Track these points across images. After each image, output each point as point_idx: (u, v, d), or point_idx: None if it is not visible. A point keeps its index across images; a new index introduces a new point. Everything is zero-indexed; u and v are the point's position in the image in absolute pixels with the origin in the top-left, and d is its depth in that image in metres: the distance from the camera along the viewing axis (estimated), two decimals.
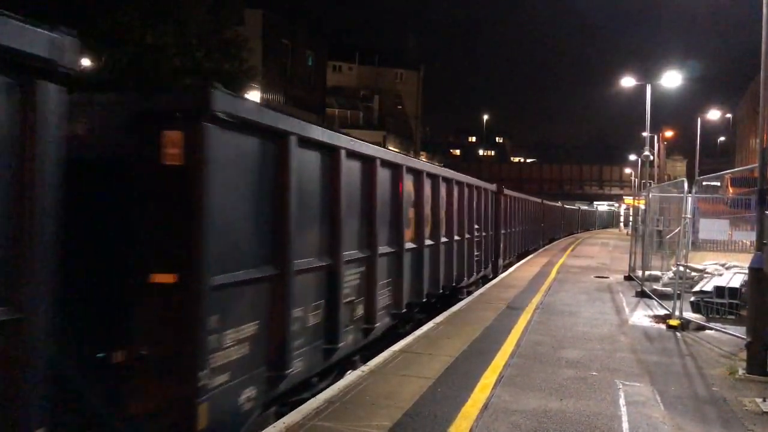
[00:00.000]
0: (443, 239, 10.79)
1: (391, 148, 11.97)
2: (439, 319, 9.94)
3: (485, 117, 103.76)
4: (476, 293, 13.14)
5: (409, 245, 8.84)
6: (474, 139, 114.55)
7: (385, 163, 7.75)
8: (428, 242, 9.91)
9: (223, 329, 4.39)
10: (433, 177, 10.36)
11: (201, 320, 4.15)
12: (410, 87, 66.02)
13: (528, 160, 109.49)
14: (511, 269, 18.70)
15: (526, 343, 8.32)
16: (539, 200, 30.61)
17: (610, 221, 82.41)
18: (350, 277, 6.68)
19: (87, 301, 4.07)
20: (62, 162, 2.85)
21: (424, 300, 9.74)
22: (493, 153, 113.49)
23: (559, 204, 46.69)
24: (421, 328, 9.14)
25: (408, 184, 8.83)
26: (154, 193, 4.19)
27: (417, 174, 9.32)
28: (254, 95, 25.57)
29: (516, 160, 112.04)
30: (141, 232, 4.21)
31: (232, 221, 4.57)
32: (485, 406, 5.59)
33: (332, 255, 6.17)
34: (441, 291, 10.82)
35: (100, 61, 15.75)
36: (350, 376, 6.47)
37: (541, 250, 28.79)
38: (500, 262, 17.78)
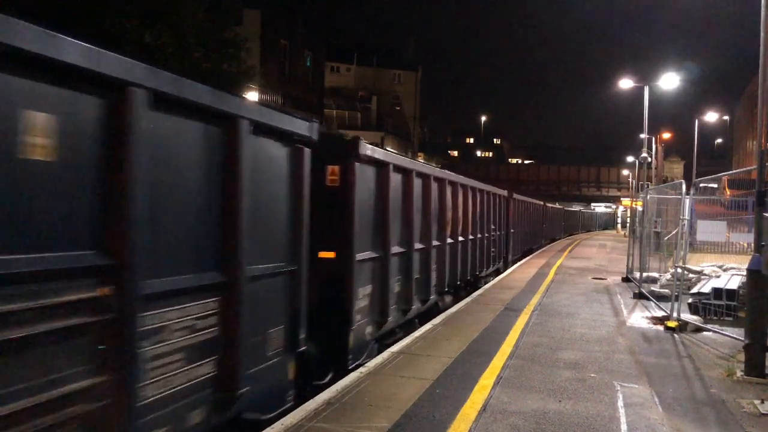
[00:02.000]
0: (470, 237, 13.35)
1: (389, 149, 12.19)
2: (437, 320, 9.94)
3: (483, 118, 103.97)
4: (474, 294, 13.15)
5: (449, 240, 11.54)
6: (472, 140, 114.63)
7: (433, 177, 10.31)
8: (460, 239, 12.44)
9: (358, 286, 7.08)
10: (464, 186, 12.85)
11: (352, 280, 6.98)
12: (408, 88, 66.05)
13: (525, 162, 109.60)
14: (509, 270, 18.73)
15: (525, 344, 8.32)
16: (541, 203, 33.18)
17: (608, 223, 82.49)
18: (416, 262, 9.25)
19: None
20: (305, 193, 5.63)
21: (458, 283, 12.45)
22: (490, 154, 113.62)
23: (558, 206, 47.27)
24: (420, 329, 9.15)
25: (447, 192, 11.36)
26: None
27: (453, 184, 11.89)
28: (252, 95, 25.55)
29: (513, 161, 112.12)
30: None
31: (364, 223, 7.28)
32: (484, 408, 5.59)
33: (408, 245, 8.91)
34: (468, 277, 13.36)
35: None
36: (349, 378, 6.46)
37: (540, 250, 28.93)
38: (510, 257, 20.32)
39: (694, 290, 11.30)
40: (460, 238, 12.40)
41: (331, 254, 6.78)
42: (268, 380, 5.03)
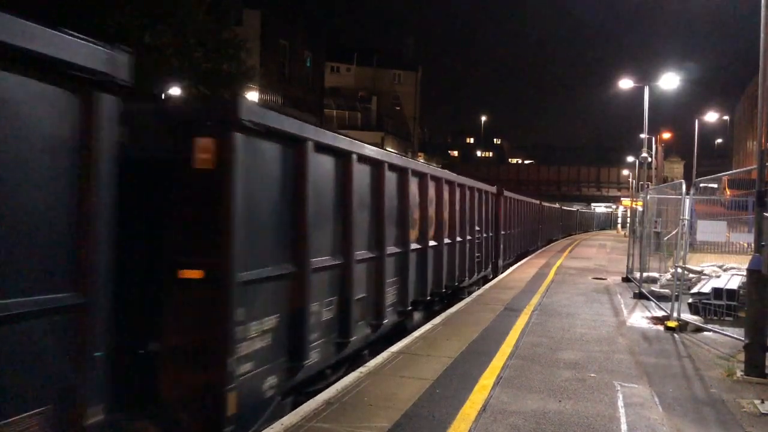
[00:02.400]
0: (446, 241, 11.19)
1: (388, 149, 11.95)
2: (437, 320, 9.93)
3: (483, 118, 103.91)
4: (474, 294, 13.14)
5: (414, 246, 9.34)
6: (472, 140, 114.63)
7: (390, 165, 8.17)
8: (432, 243, 10.37)
9: (246, 318, 4.88)
10: (437, 179, 10.73)
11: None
12: (408, 88, 66.04)
13: (526, 162, 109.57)
14: (508, 271, 18.71)
15: (525, 344, 8.32)
16: (538, 202, 31.01)
17: (608, 223, 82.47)
18: (359, 276, 7.11)
19: None
20: None
21: (428, 297, 10.34)
22: (491, 154, 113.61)
23: (557, 206, 46.86)
24: (420, 329, 9.14)
25: (413, 186, 9.25)
26: None
27: (421, 176, 9.80)
28: (252, 96, 25.55)
29: (514, 161, 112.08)
30: None
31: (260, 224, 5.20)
32: (484, 408, 5.59)
33: (344, 254, 6.73)
34: (443, 289, 11.17)
35: None
36: (349, 377, 6.46)
37: (539, 251, 28.83)
38: (500, 262, 18.10)
39: (694, 290, 11.29)
40: (432, 243, 10.37)
41: (197, 273, 4.53)
42: None
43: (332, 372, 6.68)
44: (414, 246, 9.31)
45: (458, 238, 12.25)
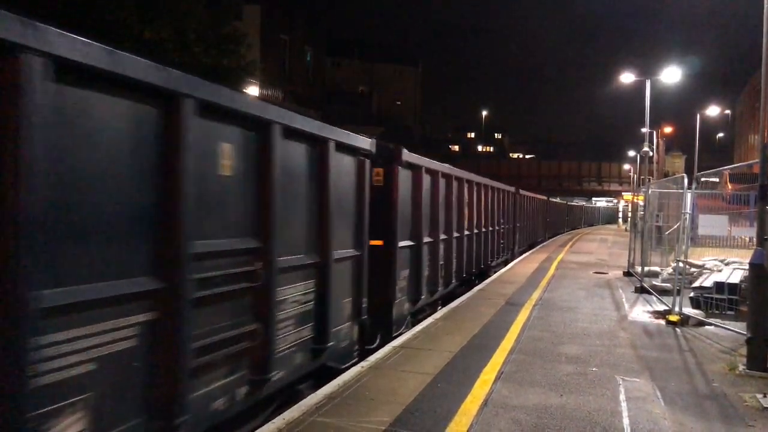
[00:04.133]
0: (483, 230, 14.59)
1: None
2: (438, 314, 9.93)
3: (484, 113, 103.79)
4: (475, 289, 13.14)
5: (466, 232, 12.83)
6: (473, 135, 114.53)
7: (455, 177, 11.72)
8: (475, 231, 13.76)
9: (399, 270, 8.55)
10: (478, 185, 13.96)
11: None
12: (409, 83, 65.96)
13: (527, 156, 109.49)
14: (510, 265, 18.72)
15: (526, 338, 8.31)
16: (545, 198, 34.86)
17: (609, 217, 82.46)
18: (441, 251, 10.77)
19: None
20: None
21: (473, 270, 13.81)
22: (491, 149, 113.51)
23: (561, 201, 47.66)
24: (421, 323, 9.14)
25: (465, 190, 12.51)
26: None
27: (470, 183, 13.02)
28: (253, 91, 25.52)
29: (515, 156, 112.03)
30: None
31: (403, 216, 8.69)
32: (485, 402, 5.58)
33: (434, 236, 10.33)
34: (482, 266, 14.68)
35: None
36: (350, 372, 6.46)
37: (543, 244, 29.17)
38: (516, 249, 21.73)
39: (696, 284, 11.27)
40: (475, 231, 13.72)
41: (379, 242, 7.96)
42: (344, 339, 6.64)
43: (429, 307, 10.40)
44: (466, 233, 12.83)
45: (490, 228, 15.67)
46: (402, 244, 8.57)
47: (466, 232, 12.87)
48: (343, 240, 6.44)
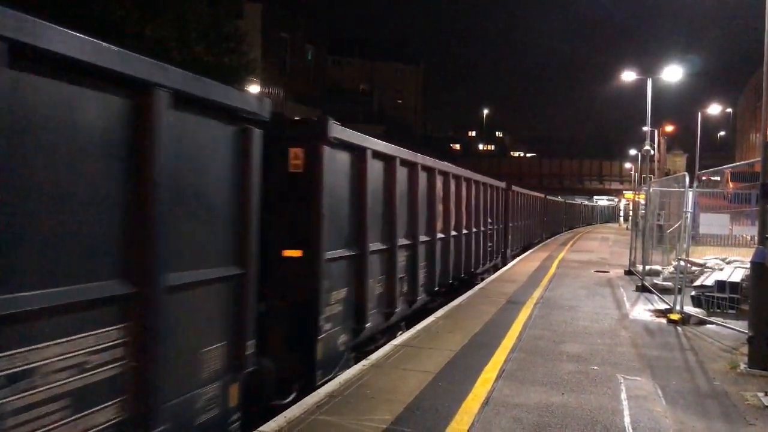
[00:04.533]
0: (464, 231, 12.71)
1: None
2: (439, 313, 9.93)
3: (485, 112, 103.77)
4: (477, 287, 13.13)
5: (440, 235, 10.70)
6: (474, 133, 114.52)
7: (422, 166, 9.52)
8: (453, 233, 11.65)
9: (329, 290, 6.54)
10: (457, 177, 11.82)
11: None
12: (410, 82, 65.93)
13: (528, 155, 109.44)
14: (511, 263, 18.70)
15: (527, 337, 8.31)
16: (542, 195, 32.14)
17: (610, 216, 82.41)
18: (400, 260, 8.62)
19: None
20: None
21: (450, 281, 11.70)
22: (492, 148, 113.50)
23: (560, 199, 46.91)
24: (422, 322, 9.14)
25: (438, 183, 10.48)
26: None
27: (445, 175, 11.03)
28: (254, 89, 25.51)
29: (516, 154, 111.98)
30: None
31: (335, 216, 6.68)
32: (486, 401, 5.58)
33: (390, 242, 8.09)
34: (462, 275, 12.77)
35: None
36: (351, 370, 6.46)
37: (542, 243, 28.93)
38: (508, 252, 19.39)
39: (697, 283, 11.27)
40: (453, 233, 11.54)
41: (297, 253, 5.96)
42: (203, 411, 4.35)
43: (381, 335, 8.19)
44: (440, 236, 10.63)
45: (473, 230, 13.54)
46: (333, 254, 6.23)
47: (440, 235, 10.68)
48: (199, 253, 3.99)
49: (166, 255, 3.53)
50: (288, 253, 5.90)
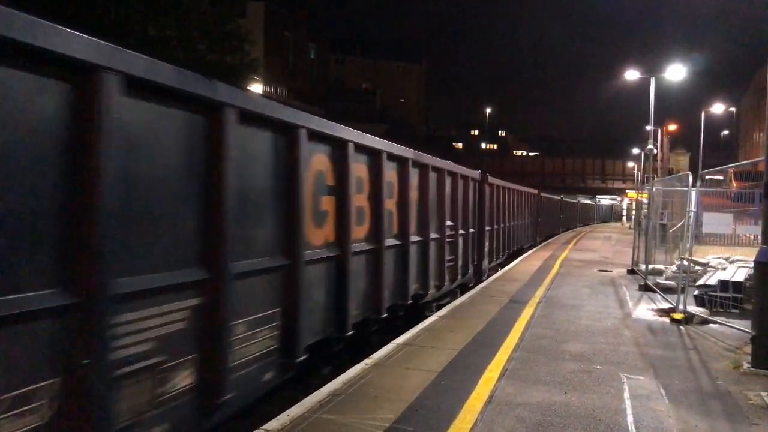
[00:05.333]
0: (519, 222, 15.16)
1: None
2: (442, 312, 9.93)
3: (488, 110, 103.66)
4: (479, 287, 13.13)
5: (356, 248, 6.71)
6: (476, 132, 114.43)
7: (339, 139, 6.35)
8: (516, 222, 13.56)
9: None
10: (394, 157, 7.97)
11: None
12: (412, 81, 65.89)
13: (530, 154, 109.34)
14: (513, 263, 18.66)
15: (530, 336, 8.30)
16: (535, 191, 27.10)
17: (613, 215, 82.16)
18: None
19: None
20: None
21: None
22: (495, 146, 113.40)
23: (559, 197, 43.38)
24: (425, 321, 9.13)
25: (347, 166, 6.51)
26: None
27: (374, 155, 7.26)
28: (256, 88, 25.53)
29: (518, 153, 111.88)
30: None
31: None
32: (489, 400, 5.58)
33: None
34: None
35: None
36: (353, 369, 6.46)
37: (541, 245, 28.59)
38: (485, 264, 14.74)
39: (700, 282, 11.26)
40: (516, 222, 13.68)
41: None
42: None
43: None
44: (354, 249, 6.60)
45: (417, 238, 9.01)
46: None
47: (357, 247, 6.65)
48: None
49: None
50: None
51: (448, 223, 10.83)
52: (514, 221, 19.54)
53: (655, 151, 31.25)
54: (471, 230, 12.81)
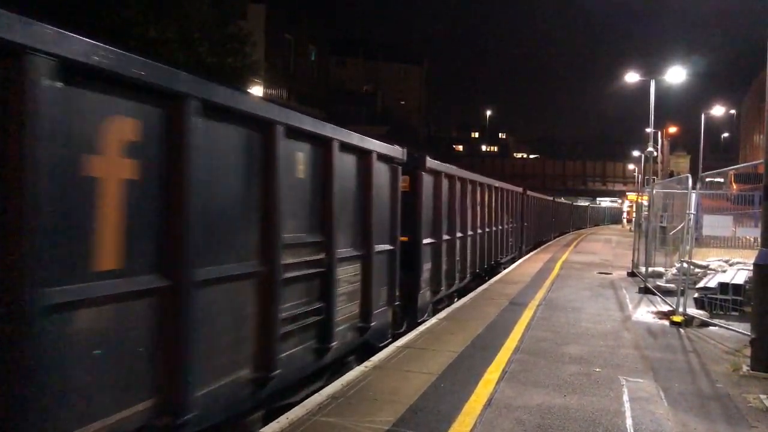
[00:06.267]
0: (493, 228, 15.59)
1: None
2: (442, 314, 9.94)
3: (488, 112, 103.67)
4: (479, 289, 13.13)
5: (479, 231, 13.72)
6: (477, 134, 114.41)
7: (469, 180, 12.58)
8: (486, 230, 14.62)
9: (425, 262, 9.68)
10: (489, 187, 14.75)
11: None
12: (413, 83, 65.91)
13: (531, 156, 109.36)
14: (514, 265, 18.69)
15: (530, 339, 8.31)
16: (551, 198, 35.26)
17: (613, 217, 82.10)
18: (457, 248, 11.84)
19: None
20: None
21: (485, 266, 14.81)
22: (496, 148, 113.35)
23: (566, 201, 47.87)
24: (425, 323, 9.15)
25: (477, 191, 13.46)
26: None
27: (482, 185, 13.93)
28: (257, 90, 25.56)
29: (519, 155, 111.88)
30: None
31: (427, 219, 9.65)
32: (489, 402, 5.59)
33: (452, 234, 11.34)
34: (492, 262, 15.69)
35: None
36: (353, 372, 6.47)
37: (548, 243, 29.34)
38: (523, 247, 22.20)
39: (700, 285, 11.25)
40: (486, 229, 14.58)
41: (405, 238, 8.66)
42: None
43: (447, 299, 11.53)
44: (479, 231, 13.70)
45: (499, 227, 16.56)
46: (426, 240, 10.20)
47: (479, 231, 14.51)
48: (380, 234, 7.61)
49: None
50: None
51: (510, 219, 19.06)
52: (538, 221, 27.06)
53: (655, 154, 31.23)
54: (518, 224, 21.20)
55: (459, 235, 11.84)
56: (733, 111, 70.63)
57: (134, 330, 3.54)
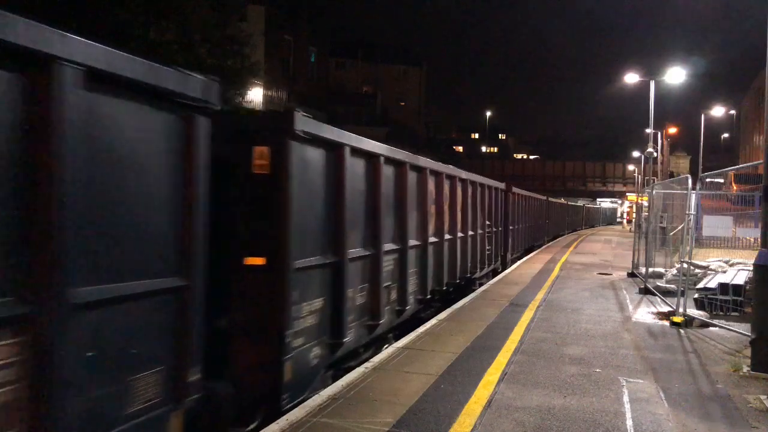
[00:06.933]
0: (459, 234, 11.82)
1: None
2: (442, 315, 9.94)
3: (488, 114, 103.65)
4: (479, 290, 13.13)
5: (432, 239, 9.90)
6: (477, 135, 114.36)
7: (424, 169, 9.43)
8: (447, 237, 10.79)
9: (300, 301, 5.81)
10: (451, 178, 11.13)
11: None
12: (413, 84, 65.92)
13: (531, 157, 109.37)
14: (514, 266, 18.68)
15: (530, 339, 8.31)
16: (544, 198, 30.61)
17: (613, 218, 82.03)
18: (386, 266, 7.85)
19: None
20: None
21: (444, 288, 10.77)
22: (496, 150, 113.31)
23: (562, 201, 46.03)
24: (425, 324, 9.14)
25: (430, 184, 9.75)
26: None
27: (437, 175, 10.21)
28: (257, 92, 25.57)
29: (519, 156, 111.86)
30: None
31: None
32: (489, 403, 5.58)
33: (375, 247, 7.43)
34: (458, 280, 11.82)
35: None
36: (353, 373, 6.47)
37: (544, 246, 28.81)
38: (509, 256, 18.50)
39: (700, 285, 11.26)
40: (447, 236, 10.72)
41: (260, 260, 5.22)
42: None
43: (365, 348, 7.55)
44: (432, 240, 9.88)
45: (469, 233, 12.64)
46: (303, 263, 5.63)
47: (433, 239, 9.88)
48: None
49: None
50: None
51: (487, 222, 15.21)
52: (529, 222, 23.03)
53: (655, 154, 31.25)
54: (500, 229, 17.20)
55: (389, 247, 7.83)
56: (732, 111, 70.70)
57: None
